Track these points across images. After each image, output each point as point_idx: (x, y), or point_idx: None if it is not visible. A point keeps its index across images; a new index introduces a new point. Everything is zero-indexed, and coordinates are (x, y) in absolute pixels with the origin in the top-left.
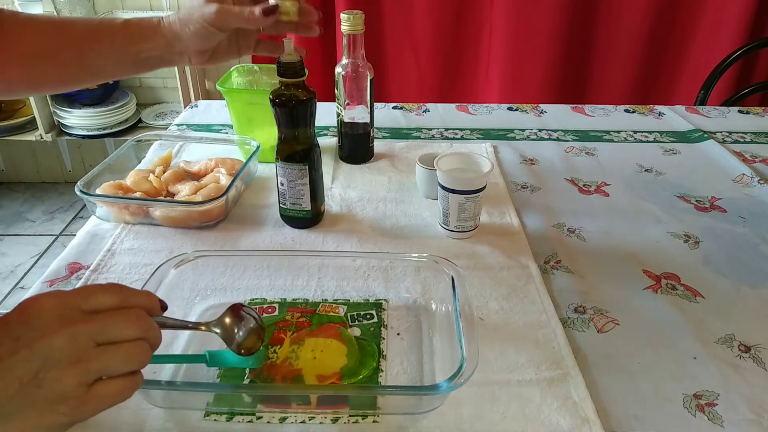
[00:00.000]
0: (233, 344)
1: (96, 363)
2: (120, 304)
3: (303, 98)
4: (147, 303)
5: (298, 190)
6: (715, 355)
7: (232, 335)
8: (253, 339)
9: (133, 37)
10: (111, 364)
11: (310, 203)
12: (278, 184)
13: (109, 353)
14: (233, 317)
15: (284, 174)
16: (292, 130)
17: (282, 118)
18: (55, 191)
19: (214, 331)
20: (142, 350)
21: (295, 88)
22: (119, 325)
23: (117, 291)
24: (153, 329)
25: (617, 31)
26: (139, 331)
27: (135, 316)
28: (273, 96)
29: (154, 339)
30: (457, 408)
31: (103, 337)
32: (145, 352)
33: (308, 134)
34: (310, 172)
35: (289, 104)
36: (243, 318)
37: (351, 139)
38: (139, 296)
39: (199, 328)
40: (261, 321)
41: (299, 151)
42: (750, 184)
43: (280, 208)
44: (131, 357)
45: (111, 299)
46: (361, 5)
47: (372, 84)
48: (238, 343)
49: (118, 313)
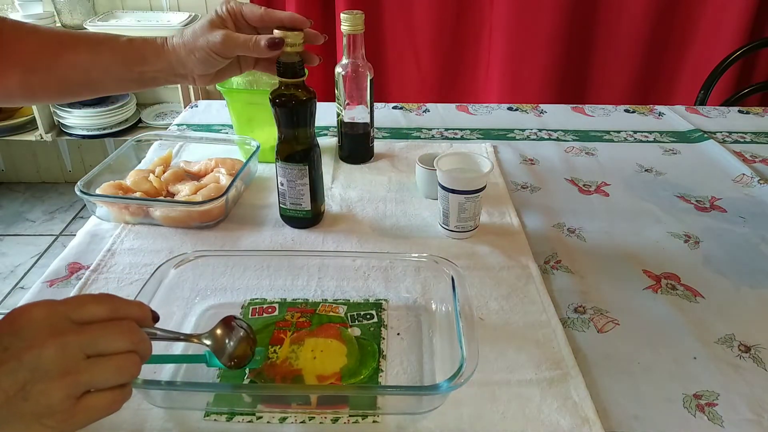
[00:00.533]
0: (224, 357)
1: (85, 375)
2: (111, 315)
3: (303, 98)
4: (138, 314)
5: (298, 191)
6: (715, 355)
7: (222, 347)
8: (243, 348)
9: (136, 59)
10: (100, 376)
11: (310, 203)
12: (278, 184)
13: (98, 365)
14: (225, 329)
15: (284, 174)
16: (291, 130)
17: (282, 118)
18: (55, 191)
19: (204, 343)
20: (132, 363)
21: (294, 88)
22: (109, 338)
23: (108, 301)
24: (143, 341)
25: (617, 31)
26: (130, 344)
27: (126, 328)
28: (273, 96)
29: (144, 351)
30: (457, 408)
31: (93, 349)
32: (135, 365)
33: (308, 134)
34: (310, 172)
35: (289, 104)
36: (233, 329)
37: (351, 139)
38: (130, 307)
39: (191, 340)
40: (252, 332)
41: (299, 151)
42: (750, 184)
43: (280, 208)
44: (121, 370)
45: (102, 310)
46: (361, 5)
47: (372, 84)
48: (228, 355)
49: (109, 324)
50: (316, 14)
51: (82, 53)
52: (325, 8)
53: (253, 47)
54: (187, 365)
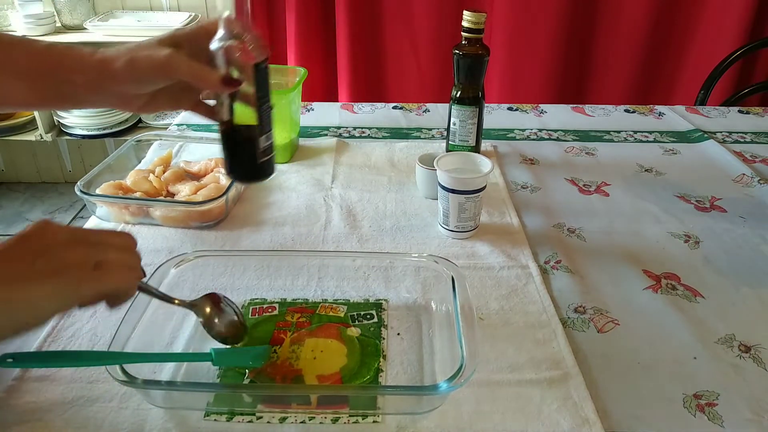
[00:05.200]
0: (214, 330)
1: (98, 247)
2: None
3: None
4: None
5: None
6: (715, 355)
7: (212, 321)
8: (234, 326)
9: (52, 65)
10: (111, 249)
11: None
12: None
13: (107, 246)
14: (212, 305)
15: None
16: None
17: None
18: (55, 191)
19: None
20: (134, 243)
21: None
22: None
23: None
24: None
25: (617, 32)
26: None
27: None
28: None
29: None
30: (457, 408)
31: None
32: (137, 255)
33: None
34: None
35: None
36: (222, 309)
37: (230, 147)
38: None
39: (173, 302)
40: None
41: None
42: (750, 184)
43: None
44: (126, 245)
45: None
46: (362, 5)
47: (260, 70)
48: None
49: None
50: (316, 15)
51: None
52: (325, 8)
53: (205, 76)
54: (187, 365)
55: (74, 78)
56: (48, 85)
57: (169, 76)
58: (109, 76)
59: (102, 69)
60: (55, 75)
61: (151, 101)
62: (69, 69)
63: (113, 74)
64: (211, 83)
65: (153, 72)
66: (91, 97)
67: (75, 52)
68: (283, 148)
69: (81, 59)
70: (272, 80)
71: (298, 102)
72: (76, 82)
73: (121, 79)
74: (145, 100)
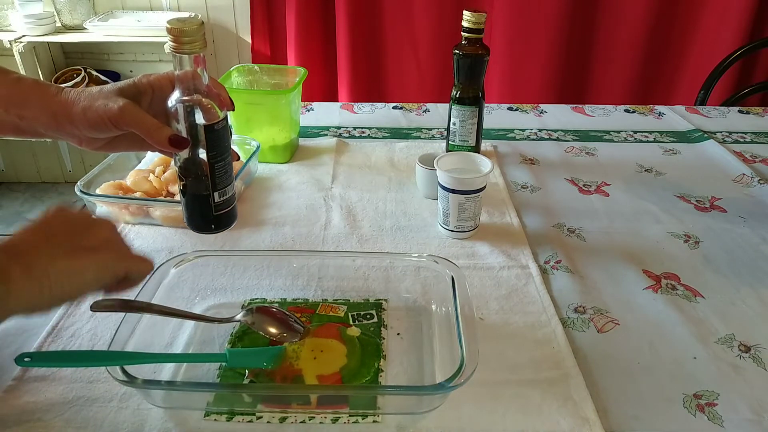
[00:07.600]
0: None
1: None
2: None
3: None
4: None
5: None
6: (715, 355)
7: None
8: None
9: (17, 100)
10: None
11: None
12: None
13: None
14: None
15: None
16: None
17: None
18: (55, 191)
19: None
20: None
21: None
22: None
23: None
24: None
25: (617, 31)
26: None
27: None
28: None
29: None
30: (457, 408)
31: None
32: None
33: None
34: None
35: None
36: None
37: (187, 199)
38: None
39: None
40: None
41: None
42: (750, 184)
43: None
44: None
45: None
46: (362, 5)
47: (218, 130)
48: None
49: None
50: (316, 15)
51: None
52: (325, 9)
53: (154, 134)
54: (187, 365)
55: (36, 115)
56: (11, 117)
57: (120, 128)
58: (68, 120)
59: (61, 111)
60: (19, 109)
61: (109, 144)
62: (32, 106)
63: (71, 118)
64: (159, 141)
65: (105, 123)
66: (49, 134)
67: (41, 90)
68: (283, 148)
69: (45, 98)
70: (270, 82)
71: (298, 102)
72: (38, 119)
73: (78, 124)
74: (105, 142)
